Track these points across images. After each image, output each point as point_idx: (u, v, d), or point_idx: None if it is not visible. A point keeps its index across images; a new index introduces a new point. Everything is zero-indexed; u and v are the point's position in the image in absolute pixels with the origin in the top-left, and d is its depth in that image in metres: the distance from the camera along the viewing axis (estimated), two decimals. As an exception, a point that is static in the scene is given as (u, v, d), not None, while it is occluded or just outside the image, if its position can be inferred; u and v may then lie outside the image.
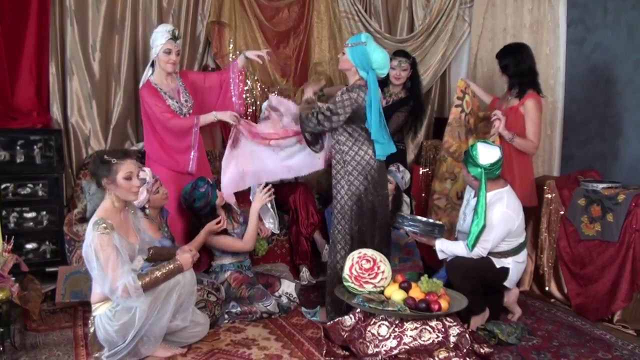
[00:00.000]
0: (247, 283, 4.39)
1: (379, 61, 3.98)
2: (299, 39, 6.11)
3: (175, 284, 3.51)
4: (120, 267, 3.30)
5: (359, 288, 3.76)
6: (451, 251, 4.12)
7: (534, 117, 4.57)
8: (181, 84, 4.64)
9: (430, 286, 3.68)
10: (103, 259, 3.29)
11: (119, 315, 3.43)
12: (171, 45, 4.46)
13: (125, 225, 3.51)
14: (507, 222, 4.04)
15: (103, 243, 3.28)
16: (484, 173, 4.01)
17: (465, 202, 4.35)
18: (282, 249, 5.34)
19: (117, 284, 3.30)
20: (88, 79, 5.34)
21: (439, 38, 6.27)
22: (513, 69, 4.63)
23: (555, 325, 4.30)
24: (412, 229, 4.12)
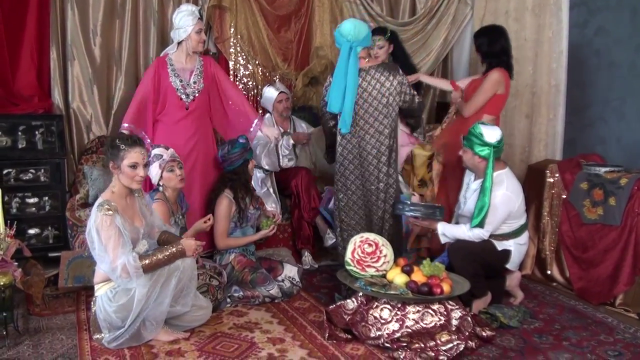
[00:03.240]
0: (251, 267, 4.40)
1: (343, 29, 4.01)
2: (300, 22, 6.09)
3: (174, 269, 3.50)
4: (120, 247, 3.34)
5: (361, 272, 3.78)
6: (453, 234, 4.12)
7: (486, 86, 4.62)
8: (199, 67, 4.71)
9: (433, 270, 3.69)
10: (104, 238, 3.33)
11: (118, 297, 3.46)
12: (201, 25, 4.64)
13: (130, 209, 3.54)
14: (507, 203, 4.04)
15: (105, 223, 3.32)
16: (492, 152, 4.01)
17: (465, 185, 4.33)
18: (284, 233, 5.33)
19: (117, 263, 3.34)
20: (89, 64, 5.33)
21: (441, 21, 6.25)
22: (486, 48, 4.69)
23: (557, 309, 4.30)
24: (413, 213, 4.10)
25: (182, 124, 4.64)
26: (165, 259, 3.49)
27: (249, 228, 4.59)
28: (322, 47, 6.09)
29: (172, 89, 4.60)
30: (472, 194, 4.16)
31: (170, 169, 4.13)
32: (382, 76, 4.08)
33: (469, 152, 4.10)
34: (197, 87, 4.67)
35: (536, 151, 5.62)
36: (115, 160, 3.45)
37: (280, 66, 5.98)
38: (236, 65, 5.87)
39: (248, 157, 4.55)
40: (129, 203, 3.55)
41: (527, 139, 5.63)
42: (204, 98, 4.73)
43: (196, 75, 4.68)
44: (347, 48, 3.99)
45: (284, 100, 5.50)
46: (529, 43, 5.57)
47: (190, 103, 4.63)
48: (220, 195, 4.49)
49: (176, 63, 4.66)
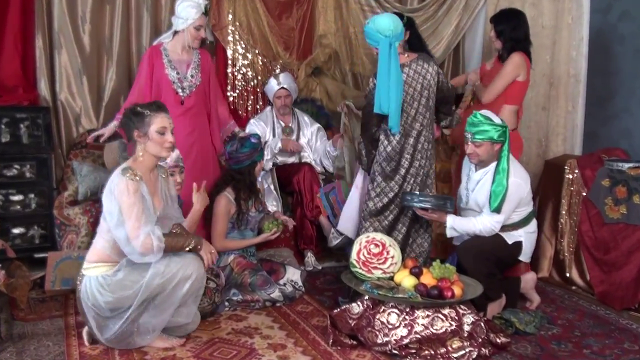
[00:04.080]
0: (251, 269, 4.40)
1: (380, 24, 4.02)
2: (303, 9, 6.06)
3: (187, 277, 3.44)
4: (145, 216, 3.29)
5: (367, 274, 3.78)
6: (463, 227, 4.10)
7: (506, 69, 4.61)
8: (196, 60, 4.69)
9: (443, 272, 3.68)
10: (128, 204, 3.27)
11: (114, 287, 3.39)
12: (202, 22, 4.57)
13: (152, 185, 3.50)
14: (518, 191, 4.03)
15: (130, 189, 3.28)
16: (507, 132, 4.03)
17: (465, 177, 4.32)
18: (286, 232, 5.25)
19: (140, 232, 3.27)
20: (78, 53, 5.31)
21: (453, 7, 6.20)
22: (509, 34, 4.67)
23: (577, 314, 4.29)
24: (423, 205, 4.06)
25: (178, 120, 4.52)
26: (181, 244, 3.45)
27: (248, 231, 4.59)
28: (326, 35, 6.07)
29: (167, 81, 4.58)
30: (476, 185, 4.15)
31: (171, 174, 4.09)
32: (423, 69, 4.12)
33: (486, 143, 4.03)
34: (195, 82, 4.65)
35: (554, 146, 5.64)
36: (140, 128, 3.41)
37: (282, 55, 5.97)
38: (235, 55, 5.84)
39: (257, 158, 4.54)
40: (151, 178, 3.50)
41: (544, 132, 5.64)
42: (201, 93, 4.71)
43: (193, 69, 4.66)
44: (386, 45, 3.99)
45: (283, 97, 5.51)
46: (547, 30, 5.57)
47: (186, 98, 4.60)
48: (220, 193, 4.49)
49: (172, 54, 4.62)
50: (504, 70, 4.62)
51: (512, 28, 4.66)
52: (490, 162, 4.10)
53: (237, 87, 5.87)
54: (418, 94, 4.11)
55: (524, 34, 4.68)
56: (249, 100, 5.91)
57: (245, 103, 5.91)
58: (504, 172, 3.97)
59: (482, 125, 4.00)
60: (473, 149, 4.06)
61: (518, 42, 4.66)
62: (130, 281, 3.39)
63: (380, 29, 4.00)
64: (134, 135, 3.44)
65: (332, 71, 6.15)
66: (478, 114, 4.06)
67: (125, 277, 3.40)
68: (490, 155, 4.07)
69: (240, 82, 5.89)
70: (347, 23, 6.07)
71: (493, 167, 4.05)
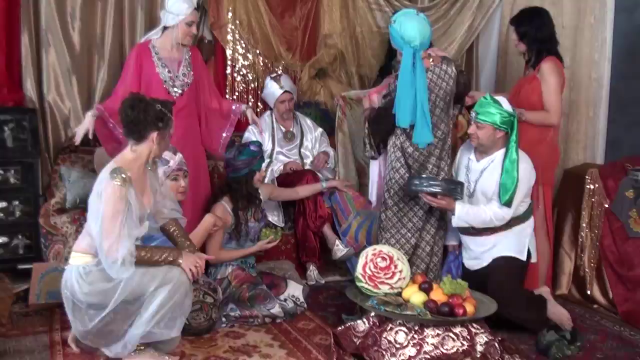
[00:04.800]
0: (250, 283, 4.40)
1: (407, 33, 3.98)
2: (307, 7, 6.10)
3: (168, 280, 3.41)
4: (127, 228, 3.29)
5: (373, 289, 3.76)
6: (474, 216, 4.07)
7: (550, 82, 4.54)
8: (187, 57, 4.69)
9: (454, 287, 3.66)
10: (112, 211, 3.26)
11: (93, 278, 3.37)
12: (194, 17, 4.57)
13: (141, 181, 3.50)
14: (529, 177, 4.09)
15: (117, 194, 3.27)
16: (516, 120, 4.04)
17: (464, 169, 4.30)
18: (287, 244, 5.31)
19: (120, 246, 3.27)
20: (67, 52, 5.31)
21: (466, 6, 6.23)
22: (534, 35, 4.61)
23: (600, 335, 4.27)
24: (433, 189, 3.99)
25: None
26: (155, 258, 3.43)
27: (249, 242, 4.60)
28: (331, 35, 6.09)
29: (158, 81, 4.57)
30: (480, 175, 4.16)
31: (175, 178, 4.13)
32: (445, 73, 4.11)
33: (488, 127, 4.04)
34: (187, 80, 4.65)
35: (573, 154, 5.62)
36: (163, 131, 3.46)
37: (284, 56, 6.00)
38: (234, 55, 5.87)
39: (255, 167, 4.54)
40: (140, 174, 3.49)
41: (563, 139, 5.63)
42: (192, 93, 4.72)
43: (185, 67, 4.66)
44: (410, 54, 3.97)
45: (287, 101, 5.50)
46: (567, 30, 5.57)
47: (178, 98, 4.59)
48: (216, 202, 4.49)
49: (161, 51, 4.60)
50: (550, 85, 4.54)
51: (536, 28, 4.61)
52: (491, 149, 4.12)
53: (236, 90, 5.89)
54: (441, 100, 4.11)
55: (549, 34, 4.64)
56: (249, 104, 5.89)
57: None
58: (514, 163, 3.99)
59: (489, 107, 4.02)
60: (474, 129, 4.09)
61: (544, 43, 4.61)
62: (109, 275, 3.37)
63: (405, 37, 3.98)
64: (150, 136, 3.43)
65: (337, 73, 6.17)
66: (489, 95, 4.09)
67: (104, 271, 3.37)
68: (491, 142, 4.08)
69: (240, 84, 5.91)
70: (353, 22, 6.11)
71: (499, 156, 4.07)
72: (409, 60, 3.95)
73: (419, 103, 3.95)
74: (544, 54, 4.59)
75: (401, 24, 4.00)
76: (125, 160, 3.42)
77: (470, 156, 4.24)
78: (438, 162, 4.16)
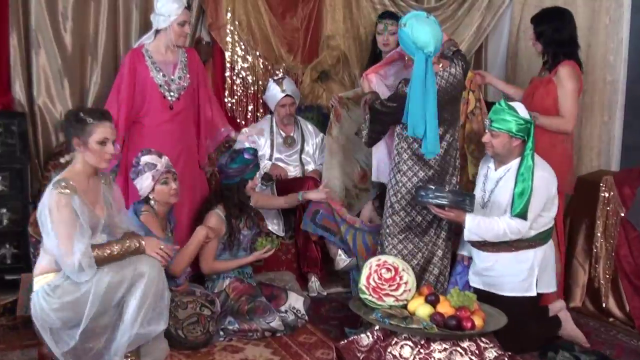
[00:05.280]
0: (249, 294, 4.41)
1: (420, 38, 3.95)
2: (309, 7, 6.09)
3: (138, 277, 3.42)
4: (78, 231, 3.34)
5: (377, 301, 3.76)
6: (486, 229, 4.02)
7: (568, 87, 4.53)
8: (183, 60, 4.71)
9: (462, 300, 3.65)
10: (56, 221, 3.33)
11: (61, 292, 3.39)
12: (186, 16, 4.60)
13: (93, 193, 3.54)
14: (546, 186, 4.04)
15: (60, 203, 3.33)
16: (532, 128, 4.01)
17: (482, 178, 4.29)
18: (288, 254, 5.32)
19: (74, 250, 3.32)
20: (58, 53, 5.31)
21: (474, 6, 6.22)
22: (551, 36, 4.60)
23: (616, 350, 4.25)
24: (439, 201, 4.00)
25: (166, 127, 4.65)
26: (120, 253, 3.47)
27: (242, 252, 4.59)
28: (334, 36, 6.08)
29: (153, 86, 4.60)
30: (496, 185, 4.13)
31: (164, 181, 4.14)
32: (454, 77, 4.12)
33: (504, 135, 4.02)
34: (183, 84, 4.68)
35: (587, 160, 5.63)
36: (81, 136, 3.46)
37: (285, 58, 5.99)
38: (233, 57, 5.85)
39: (247, 176, 4.54)
40: (91, 186, 3.55)
41: (576, 145, 5.60)
42: (190, 96, 4.74)
43: (181, 70, 4.69)
44: (423, 60, 3.94)
45: (288, 106, 5.50)
46: (581, 31, 5.45)
47: (175, 102, 4.63)
48: (210, 210, 4.50)
49: (155, 55, 4.63)
50: (567, 90, 4.54)
51: (554, 29, 4.60)
52: (507, 158, 4.10)
53: (235, 93, 5.88)
54: (449, 104, 4.13)
55: (568, 36, 4.62)
56: (249, 108, 5.90)
57: (244, 111, 5.92)
58: (529, 171, 3.95)
59: (504, 114, 4.00)
60: (489, 137, 4.08)
61: (561, 46, 4.60)
62: (76, 285, 3.39)
63: (419, 42, 3.95)
64: (73, 142, 3.50)
65: (340, 76, 6.15)
66: (503, 101, 4.06)
67: (70, 282, 3.41)
68: (506, 150, 4.07)
69: (239, 87, 5.90)
70: (357, 23, 6.10)
71: (516, 165, 4.05)
72: (421, 67, 3.92)
73: (428, 113, 3.94)
74: (562, 57, 4.58)
75: (413, 28, 3.96)
76: (70, 172, 3.52)
77: (490, 165, 4.23)
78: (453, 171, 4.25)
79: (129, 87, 4.56)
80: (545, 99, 4.58)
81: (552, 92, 4.57)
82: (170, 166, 4.20)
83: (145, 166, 4.10)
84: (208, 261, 4.44)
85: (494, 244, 4.07)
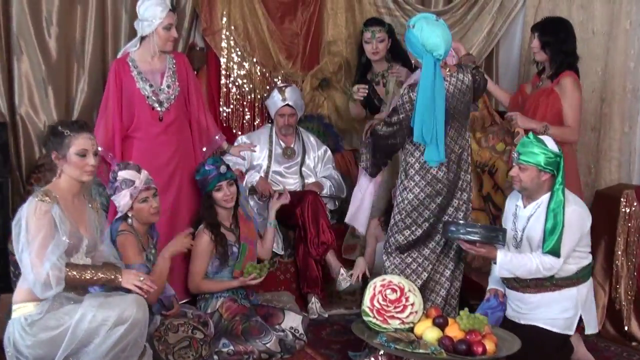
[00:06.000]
0: (243, 314, 4.40)
1: (430, 41, 3.98)
2: (309, 11, 6.08)
3: (122, 320, 3.37)
4: (52, 244, 3.31)
5: (382, 324, 3.73)
6: (518, 265, 4.02)
7: (572, 98, 4.68)
8: (172, 67, 4.71)
9: (472, 323, 3.62)
10: (33, 229, 3.32)
11: (38, 329, 3.36)
12: (172, 19, 4.59)
13: (77, 212, 3.53)
14: (580, 221, 4.02)
15: (39, 211, 3.32)
16: (562, 161, 4.00)
17: (512, 216, 4.26)
18: (287, 273, 5.30)
19: (44, 260, 3.28)
20: (42, 60, 5.30)
21: (485, 10, 6.21)
22: (559, 47, 4.76)
23: None
24: (471, 237, 4.00)
25: (159, 140, 4.66)
26: (93, 278, 3.45)
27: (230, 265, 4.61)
28: (336, 42, 6.07)
29: (140, 97, 4.61)
30: (527, 222, 4.09)
31: (144, 200, 4.10)
32: (463, 83, 4.15)
33: (532, 168, 4.01)
34: (172, 93, 4.68)
35: (606, 173, 5.63)
36: (59, 150, 3.47)
37: (283, 65, 5.98)
38: (229, 64, 5.84)
39: (208, 188, 4.57)
40: (76, 205, 3.54)
41: (594, 157, 5.67)
42: (181, 105, 4.74)
43: (169, 77, 4.69)
44: (431, 63, 3.98)
45: (287, 116, 5.50)
46: (599, 37, 5.62)
47: (164, 113, 4.64)
48: (198, 229, 4.54)
49: (141, 64, 4.64)
50: (572, 101, 4.69)
51: (562, 41, 4.76)
52: (536, 193, 4.08)
53: (231, 102, 5.87)
54: (459, 113, 4.15)
55: (573, 48, 4.80)
56: (245, 117, 5.90)
57: (240, 120, 5.91)
58: (560, 205, 3.94)
59: (532, 146, 3.99)
60: (517, 171, 4.07)
61: (568, 57, 4.76)
62: (54, 321, 3.37)
63: (428, 45, 3.98)
64: (52, 155, 3.51)
65: (342, 83, 6.14)
66: (532, 135, 4.09)
67: (49, 317, 3.39)
68: (535, 185, 4.05)
69: (235, 95, 5.89)
70: (360, 28, 6.01)
71: (546, 200, 4.03)
72: (430, 70, 3.95)
73: (436, 118, 3.96)
74: (565, 68, 4.73)
75: (422, 30, 3.99)
76: (54, 185, 3.53)
77: (518, 203, 4.22)
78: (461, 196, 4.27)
79: (116, 100, 4.57)
80: (550, 109, 4.70)
81: (556, 103, 4.70)
82: (150, 182, 4.15)
83: (122, 183, 4.06)
84: (195, 279, 4.47)
85: (536, 284, 4.04)
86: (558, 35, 4.75)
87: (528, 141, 4.02)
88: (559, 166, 3.98)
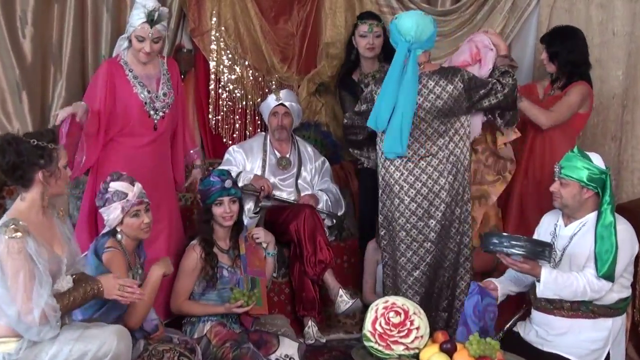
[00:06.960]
0: (233, 340, 4.33)
1: (404, 25, 4.26)
2: (306, 10, 6.11)
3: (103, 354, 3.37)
4: (37, 283, 3.26)
5: (385, 350, 3.72)
6: (563, 284, 3.97)
7: (572, 97, 4.84)
8: (166, 73, 4.70)
9: (483, 348, 3.59)
10: (11, 272, 3.24)
11: None
12: (144, 33, 4.42)
13: (49, 230, 3.49)
14: (631, 239, 4.04)
15: (13, 250, 3.23)
16: (609, 179, 4.02)
17: (550, 236, 4.25)
18: (281, 295, 5.28)
19: (32, 305, 3.24)
20: (15, 63, 5.35)
21: (496, 9, 6.18)
22: (566, 57, 4.90)
23: None
24: (516, 251, 3.96)
25: (147, 149, 4.64)
26: (81, 299, 3.45)
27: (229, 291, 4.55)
28: (334, 44, 6.07)
29: (138, 104, 4.55)
30: (569, 242, 4.09)
31: (135, 214, 4.07)
32: (434, 83, 4.28)
33: (574, 184, 4.01)
34: (168, 101, 4.66)
35: (628, 185, 5.65)
36: (48, 167, 3.39)
37: (278, 68, 6.01)
38: (219, 67, 5.88)
39: (209, 201, 4.53)
40: (45, 224, 3.48)
41: (615, 168, 5.63)
42: (172, 115, 4.72)
43: (164, 84, 4.66)
44: (404, 49, 4.20)
45: (281, 115, 5.49)
46: (619, 38, 5.62)
47: (159, 121, 4.62)
48: (190, 244, 4.53)
49: (135, 67, 4.59)
50: (571, 99, 4.83)
51: (569, 50, 4.90)
52: (578, 212, 4.10)
53: (221, 109, 5.90)
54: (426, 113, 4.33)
55: (582, 58, 4.94)
56: (236, 125, 5.92)
57: (231, 129, 5.94)
58: (610, 227, 3.93)
59: (576, 161, 4.02)
60: (557, 186, 4.10)
61: (577, 66, 4.90)
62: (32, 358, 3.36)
63: (401, 30, 4.26)
64: (35, 177, 3.39)
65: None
66: (577, 148, 4.12)
67: (26, 355, 3.36)
68: (576, 202, 4.06)
69: (226, 101, 5.93)
70: (359, 26, 6.06)
71: (592, 220, 4.02)
72: (401, 56, 4.21)
73: (400, 108, 4.07)
74: (576, 78, 4.89)
75: (400, 18, 4.36)
76: (18, 211, 3.43)
77: (558, 222, 4.22)
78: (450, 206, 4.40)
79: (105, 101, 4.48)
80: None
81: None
82: (143, 195, 4.12)
83: (114, 195, 4.01)
84: (178, 299, 4.45)
85: (571, 307, 4.02)
86: (563, 46, 4.89)
87: (572, 155, 4.04)
88: (605, 184, 3.98)
